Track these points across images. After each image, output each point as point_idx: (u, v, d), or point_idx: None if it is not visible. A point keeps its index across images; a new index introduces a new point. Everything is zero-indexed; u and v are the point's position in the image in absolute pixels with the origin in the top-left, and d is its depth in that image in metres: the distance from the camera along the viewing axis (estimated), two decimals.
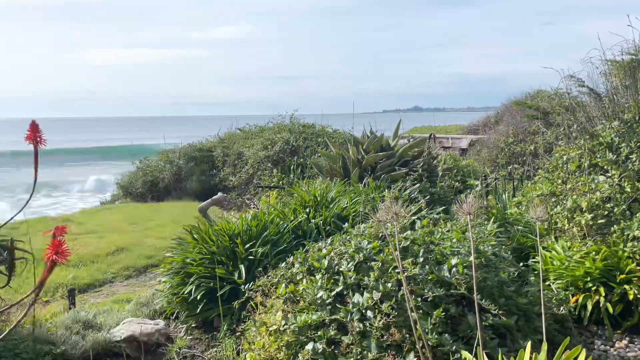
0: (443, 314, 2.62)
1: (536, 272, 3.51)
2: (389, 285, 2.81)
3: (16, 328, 3.44)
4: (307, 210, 4.44)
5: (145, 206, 11.33)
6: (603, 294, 3.46)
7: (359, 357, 2.61)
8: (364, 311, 2.75)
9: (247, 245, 3.89)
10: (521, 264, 3.46)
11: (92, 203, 15.08)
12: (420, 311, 2.69)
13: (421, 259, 2.95)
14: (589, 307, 3.46)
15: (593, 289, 3.53)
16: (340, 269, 3.10)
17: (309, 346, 2.72)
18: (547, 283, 3.66)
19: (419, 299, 2.75)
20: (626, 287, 3.46)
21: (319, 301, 2.96)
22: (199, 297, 3.64)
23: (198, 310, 3.70)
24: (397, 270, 2.89)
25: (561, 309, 3.19)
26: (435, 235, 3.32)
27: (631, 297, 3.39)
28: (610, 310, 3.39)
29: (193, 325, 3.93)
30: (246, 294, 3.40)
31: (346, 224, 3.94)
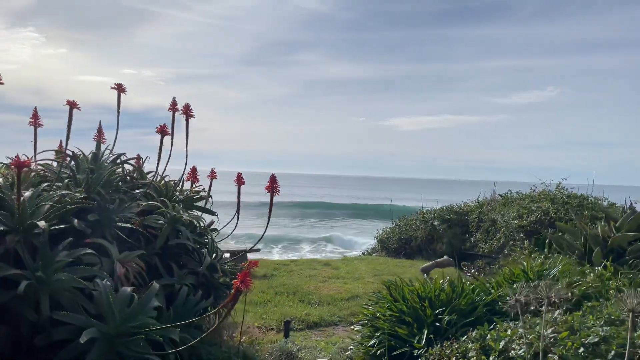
0: None
1: None
2: None
3: (234, 345, 4.14)
4: (514, 285, 4.04)
5: (394, 261, 11.85)
6: None
7: None
8: None
9: (437, 311, 3.79)
10: None
11: (356, 253, 16.54)
12: None
13: None
14: None
15: None
16: (512, 355, 2.77)
17: None
18: None
19: None
20: None
21: None
22: (378, 353, 3.71)
23: None
24: None
25: None
26: None
27: None
28: None
29: None
30: None
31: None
